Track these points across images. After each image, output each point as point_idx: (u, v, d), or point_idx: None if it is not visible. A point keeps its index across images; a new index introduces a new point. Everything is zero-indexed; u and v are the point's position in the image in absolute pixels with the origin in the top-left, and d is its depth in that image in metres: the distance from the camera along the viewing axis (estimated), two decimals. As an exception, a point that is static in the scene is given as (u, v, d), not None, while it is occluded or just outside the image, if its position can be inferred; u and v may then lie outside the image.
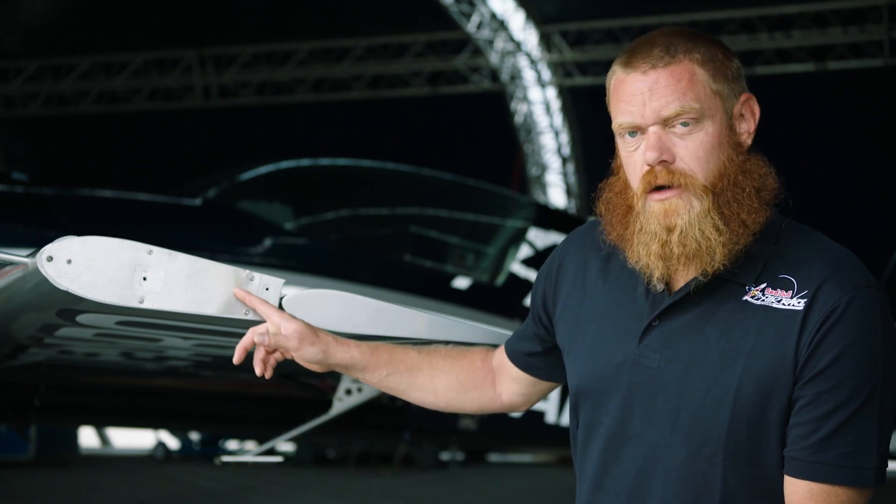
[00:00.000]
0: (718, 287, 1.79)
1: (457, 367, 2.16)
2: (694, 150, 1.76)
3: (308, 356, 2.04)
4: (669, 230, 1.76)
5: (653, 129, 1.76)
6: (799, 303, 1.73)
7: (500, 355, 2.19)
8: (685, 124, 1.75)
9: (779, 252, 1.79)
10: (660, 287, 1.83)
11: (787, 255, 1.79)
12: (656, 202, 1.77)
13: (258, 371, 2.03)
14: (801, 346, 1.71)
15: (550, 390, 2.20)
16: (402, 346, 2.15)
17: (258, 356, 2.03)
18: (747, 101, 1.82)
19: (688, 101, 1.75)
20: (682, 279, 1.83)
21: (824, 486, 1.71)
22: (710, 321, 1.78)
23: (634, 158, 1.80)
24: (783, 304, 1.74)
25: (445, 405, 2.17)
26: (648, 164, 1.76)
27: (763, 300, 1.76)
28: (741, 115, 1.81)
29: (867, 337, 1.71)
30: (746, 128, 1.82)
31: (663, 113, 1.75)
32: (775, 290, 1.76)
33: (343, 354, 2.07)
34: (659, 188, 1.77)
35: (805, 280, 1.75)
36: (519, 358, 2.14)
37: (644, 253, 1.79)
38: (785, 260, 1.78)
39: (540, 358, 2.11)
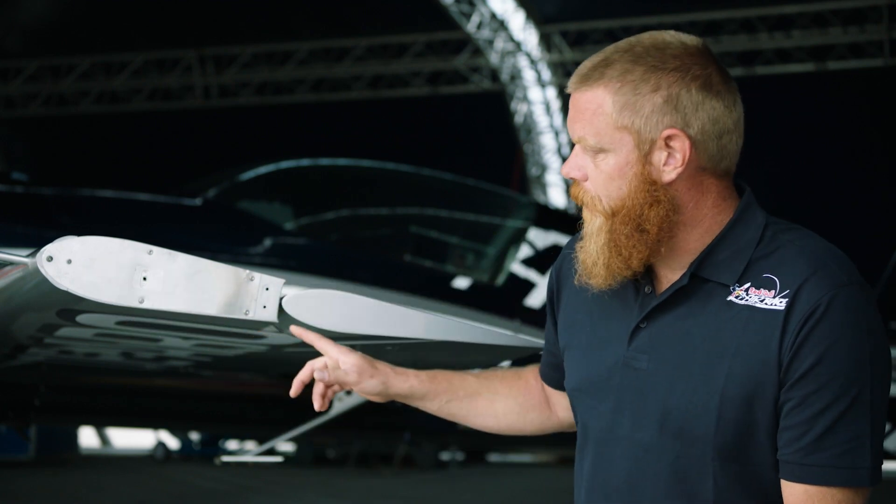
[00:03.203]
0: (703, 287, 1.79)
1: (514, 390, 2.15)
2: (598, 174, 1.80)
3: (368, 389, 2.03)
4: (583, 237, 1.85)
5: (576, 146, 1.83)
6: (781, 302, 1.73)
7: None
8: (592, 149, 1.80)
9: (764, 251, 1.79)
10: (647, 289, 1.84)
11: (771, 255, 1.78)
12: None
13: (317, 406, 2.01)
14: (784, 346, 1.71)
15: None
16: (460, 373, 2.14)
17: (318, 391, 2.01)
18: (671, 136, 1.76)
19: (586, 133, 1.78)
20: (668, 280, 1.84)
21: (820, 488, 1.71)
22: (696, 322, 1.79)
23: None
24: (766, 304, 1.74)
25: (506, 428, 2.16)
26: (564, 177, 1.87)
27: (747, 300, 1.76)
28: (661, 149, 1.77)
29: (851, 335, 1.69)
30: (671, 162, 1.77)
31: (573, 135, 1.82)
32: (759, 289, 1.75)
33: (402, 384, 2.05)
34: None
35: (787, 279, 1.74)
36: (547, 376, 2.14)
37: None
38: (769, 259, 1.78)
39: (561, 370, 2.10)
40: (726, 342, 1.74)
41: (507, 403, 2.14)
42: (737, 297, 1.76)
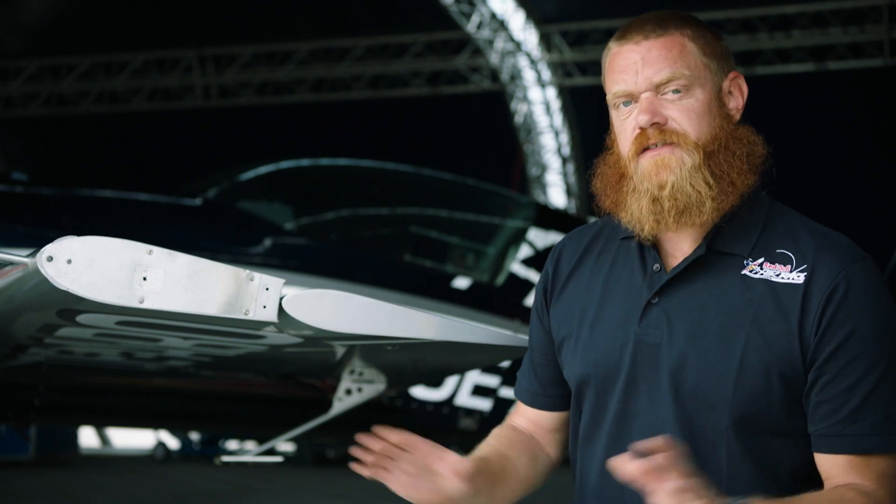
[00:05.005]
0: (716, 261, 1.82)
1: (518, 445, 2.06)
2: (686, 113, 1.81)
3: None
4: (661, 186, 1.80)
5: (645, 96, 1.82)
6: (799, 276, 1.76)
7: (526, 412, 2.09)
8: (676, 91, 1.81)
9: (772, 226, 1.83)
10: (656, 267, 1.85)
11: (781, 231, 1.83)
12: (648, 160, 1.81)
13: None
14: (808, 323, 1.74)
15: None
16: (487, 471, 1.98)
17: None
18: (735, 78, 1.88)
19: (678, 68, 1.81)
20: (678, 255, 1.85)
21: (862, 458, 1.72)
22: (710, 295, 1.81)
23: (626, 125, 1.85)
24: (783, 278, 1.77)
25: (532, 485, 2.07)
26: (641, 127, 1.81)
27: (762, 274, 1.79)
28: (730, 92, 1.87)
29: (875, 305, 1.74)
30: (735, 104, 1.87)
31: (655, 79, 1.81)
32: (773, 264, 1.79)
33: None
34: (650, 148, 1.82)
35: (802, 254, 1.79)
36: (536, 400, 2.07)
37: (636, 208, 1.83)
38: (780, 236, 1.82)
39: (558, 387, 2.04)
40: (742, 315, 1.77)
41: (522, 462, 2.04)
42: (751, 272, 1.80)
